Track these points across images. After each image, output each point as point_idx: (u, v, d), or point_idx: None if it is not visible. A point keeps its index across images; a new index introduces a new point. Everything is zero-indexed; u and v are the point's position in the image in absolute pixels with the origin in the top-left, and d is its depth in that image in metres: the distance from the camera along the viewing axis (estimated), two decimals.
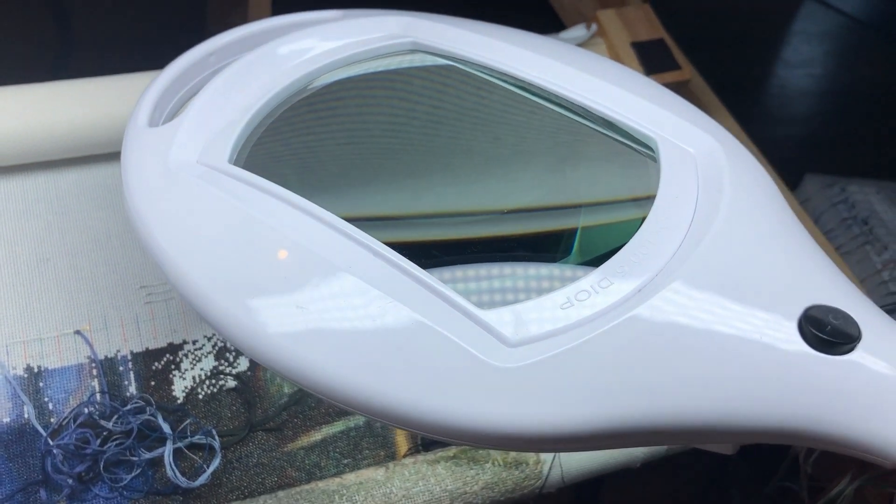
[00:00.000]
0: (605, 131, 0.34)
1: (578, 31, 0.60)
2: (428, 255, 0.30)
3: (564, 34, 0.61)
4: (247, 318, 0.28)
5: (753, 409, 0.25)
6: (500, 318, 0.27)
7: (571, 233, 0.32)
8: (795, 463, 0.66)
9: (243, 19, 0.77)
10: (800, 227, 0.30)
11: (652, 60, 0.60)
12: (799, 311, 0.26)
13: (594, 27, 0.60)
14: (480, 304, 0.27)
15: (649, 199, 0.30)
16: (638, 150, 0.33)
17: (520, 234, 0.32)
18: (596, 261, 0.29)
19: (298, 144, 0.36)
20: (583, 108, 0.34)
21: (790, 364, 0.25)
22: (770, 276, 0.27)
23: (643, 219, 0.30)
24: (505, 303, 0.27)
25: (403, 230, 0.33)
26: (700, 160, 0.32)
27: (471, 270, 0.30)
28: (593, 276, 0.28)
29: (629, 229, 0.29)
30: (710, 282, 0.27)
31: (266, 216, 0.30)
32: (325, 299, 0.28)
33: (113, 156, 0.51)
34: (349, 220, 0.30)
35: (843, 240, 0.81)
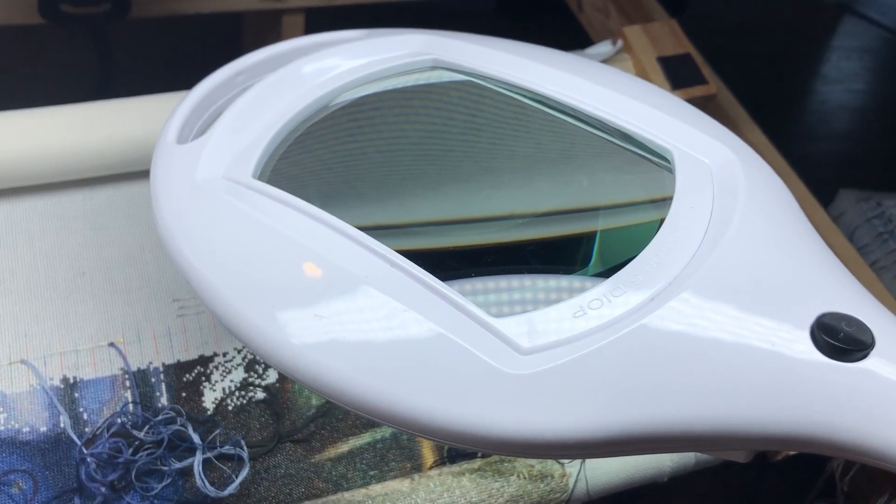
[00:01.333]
0: (621, 143, 0.34)
1: (604, 47, 0.60)
2: (445, 265, 0.30)
3: (591, 50, 0.61)
4: (271, 330, 0.29)
5: (766, 417, 0.25)
6: (514, 327, 0.27)
7: (586, 242, 0.32)
8: (832, 480, 0.65)
9: (278, 41, 0.78)
10: (814, 235, 0.30)
11: (678, 75, 0.60)
12: (811, 319, 0.26)
13: (620, 43, 0.61)
14: (495, 313, 0.28)
15: (664, 211, 0.31)
16: (654, 161, 0.33)
17: (534, 244, 0.33)
18: (610, 270, 0.29)
19: (321, 160, 0.37)
20: (599, 120, 0.35)
21: (802, 372, 0.25)
22: (782, 284, 0.27)
23: (658, 229, 0.30)
24: (518, 312, 0.28)
25: (420, 240, 0.33)
26: (715, 171, 0.32)
27: (486, 279, 0.30)
28: (606, 286, 0.28)
29: (644, 239, 0.30)
30: (721, 290, 0.27)
31: (288, 229, 0.31)
32: (346, 310, 0.29)
33: (146, 173, 0.52)
34: (369, 230, 0.30)
35: (879, 255, 0.80)
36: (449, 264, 0.31)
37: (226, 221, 0.32)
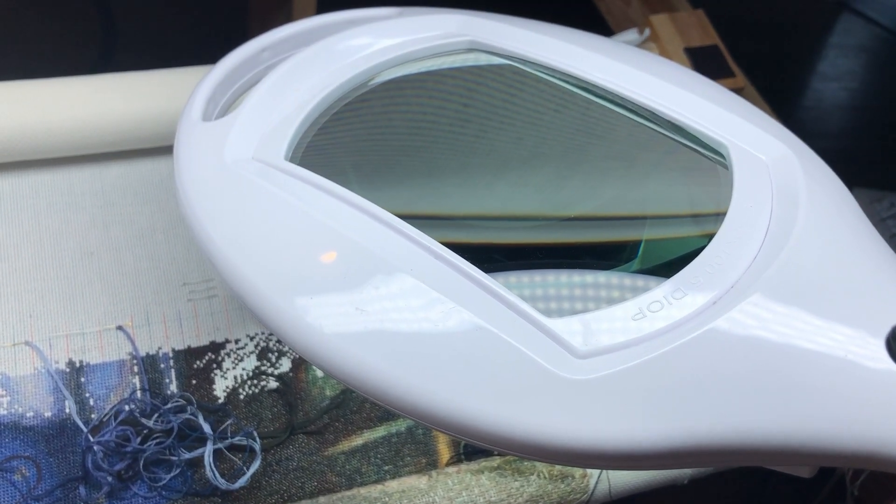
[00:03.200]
0: (673, 136, 0.33)
1: (630, 35, 0.59)
2: (489, 258, 0.29)
3: (616, 38, 0.59)
4: (303, 318, 0.27)
5: (837, 431, 0.24)
6: (568, 328, 0.25)
7: (639, 241, 0.30)
8: (841, 483, 0.64)
9: (287, 18, 0.76)
10: (880, 240, 0.28)
11: (705, 67, 0.59)
12: (887, 328, 0.25)
13: (647, 32, 0.59)
14: (546, 312, 0.26)
15: (721, 208, 0.29)
16: (708, 156, 0.32)
17: (585, 241, 0.31)
18: (666, 270, 0.28)
19: (355, 142, 0.35)
20: (649, 111, 0.33)
21: (877, 384, 0.24)
22: (854, 291, 0.26)
23: (716, 228, 0.28)
24: (572, 311, 0.26)
25: (463, 231, 0.32)
26: (773, 168, 0.31)
27: (535, 276, 0.29)
28: (666, 287, 0.26)
29: (701, 239, 0.28)
30: (790, 295, 0.25)
31: (323, 214, 0.29)
32: (385, 301, 0.27)
33: (158, 150, 0.51)
34: (407, 219, 0.29)
35: None
36: (493, 258, 0.29)
37: (257, 204, 0.30)
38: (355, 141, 0.35)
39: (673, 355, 0.24)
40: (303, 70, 0.35)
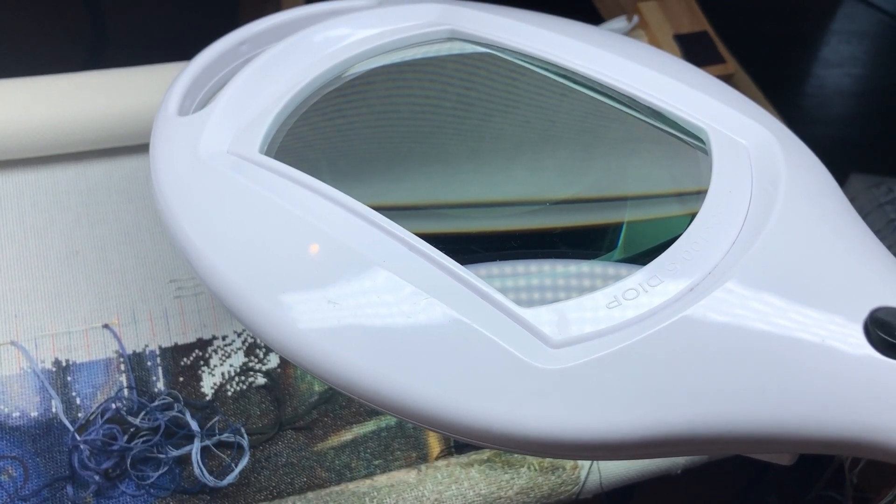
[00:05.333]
0: (652, 121, 0.32)
1: (619, 23, 0.58)
2: (464, 248, 0.28)
3: (605, 26, 0.59)
4: (277, 314, 0.27)
5: (815, 417, 0.23)
6: (542, 317, 0.25)
7: (616, 227, 0.30)
8: (840, 472, 0.64)
9: (277, 11, 0.76)
10: (862, 225, 0.28)
11: (695, 53, 0.58)
12: (865, 313, 0.24)
13: (636, 19, 0.58)
14: (520, 302, 0.26)
15: (700, 194, 0.29)
16: (687, 141, 0.31)
17: (561, 229, 0.31)
18: (643, 258, 0.27)
19: (332, 134, 0.35)
20: (628, 96, 0.33)
21: (855, 369, 0.24)
22: (832, 275, 0.25)
23: (693, 214, 0.28)
24: (546, 301, 0.26)
25: (438, 222, 0.31)
26: (753, 152, 0.30)
27: (509, 266, 0.28)
28: (641, 274, 0.26)
29: (678, 225, 0.28)
30: (767, 281, 0.25)
31: (298, 208, 0.29)
32: (358, 295, 0.27)
33: (142, 147, 0.50)
34: (382, 211, 0.28)
35: (891, 241, 0.78)
36: (469, 249, 0.29)
37: (231, 199, 0.30)
38: (332, 133, 0.35)
39: (647, 343, 0.24)
40: (279, 62, 0.35)
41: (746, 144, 0.31)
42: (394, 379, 0.25)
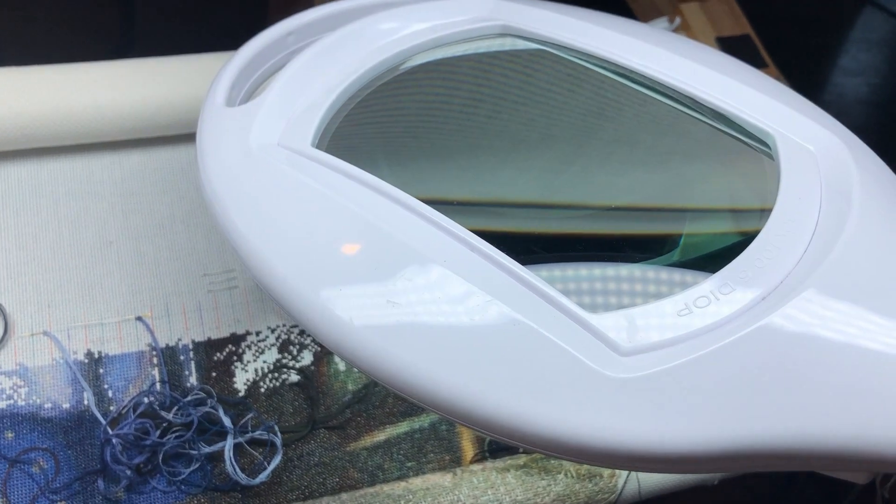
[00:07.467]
0: (715, 124, 0.31)
1: (661, 24, 0.57)
2: (525, 250, 0.27)
3: None
4: (331, 310, 0.26)
5: None
6: (612, 324, 0.24)
7: (681, 232, 0.29)
8: (871, 486, 0.62)
9: (309, 3, 0.75)
10: None
11: (737, 57, 0.57)
12: None
13: (678, 20, 0.57)
14: (586, 307, 0.25)
15: (768, 200, 0.28)
16: (752, 145, 0.30)
17: (626, 233, 0.30)
18: (710, 264, 0.26)
19: (384, 129, 0.34)
20: (691, 98, 0.32)
21: None
22: None
23: (763, 221, 0.27)
24: (613, 306, 0.25)
25: (496, 221, 0.30)
26: (821, 158, 0.29)
27: (573, 268, 0.27)
28: (713, 282, 0.25)
29: (749, 231, 0.27)
30: (847, 290, 0.24)
31: (353, 203, 0.28)
32: (417, 293, 0.26)
33: (178, 138, 0.50)
34: (438, 208, 0.28)
35: None
36: (530, 249, 0.28)
37: (285, 193, 0.29)
38: (384, 127, 0.34)
39: (723, 353, 0.23)
40: (330, 54, 0.34)
41: (814, 150, 0.30)
42: (454, 381, 0.25)
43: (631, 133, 0.34)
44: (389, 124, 0.34)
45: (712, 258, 0.27)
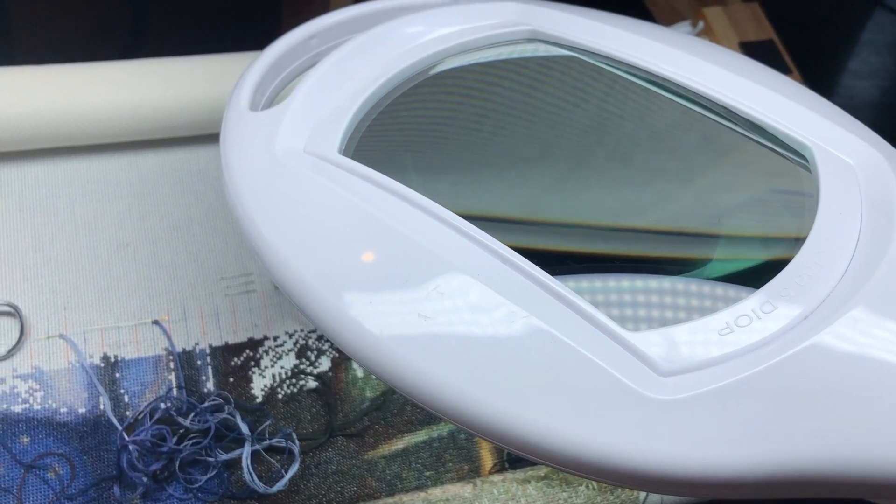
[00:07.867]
0: (751, 135, 0.31)
1: (684, 28, 0.56)
2: (559, 263, 0.27)
3: None
4: (359, 320, 0.26)
5: None
6: (650, 341, 0.24)
7: (723, 249, 0.28)
8: None
9: (324, 7, 0.74)
10: None
11: (761, 62, 0.56)
12: None
13: (701, 25, 0.57)
14: (624, 323, 0.24)
15: (807, 214, 0.27)
16: (789, 157, 0.30)
17: (663, 247, 0.29)
18: (750, 280, 0.26)
19: (411, 135, 0.34)
20: (726, 108, 0.31)
21: None
22: None
23: (801, 236, 0.26)
24: (652, 324, 0.24)
25: (528, 235, 0.30)
26: (860, 172, 0.29)
27: (608, 282, 0.27)
28: (755, 299, 0.24)
29: (788, 247, 0.26)
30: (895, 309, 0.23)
31: (382, 213, 0.27)
32: (449, 307, 0.25)
33: (195, 139, 0.49)
34: (468, 219, 0.27)
35: None
36: (567, 266, 0.27)
37: (311, 201, 0.28)
38: (411, 134, 0.34)
39: (770, 374, 0.22)
40: (356, 58, 0.34)
41: (853, 163, 0.29)
42: (486, 398, 0.24)
43: (666, 144, 0.33)
44: (416, 131, 0.34)
45: (752, 274, 0.26)
